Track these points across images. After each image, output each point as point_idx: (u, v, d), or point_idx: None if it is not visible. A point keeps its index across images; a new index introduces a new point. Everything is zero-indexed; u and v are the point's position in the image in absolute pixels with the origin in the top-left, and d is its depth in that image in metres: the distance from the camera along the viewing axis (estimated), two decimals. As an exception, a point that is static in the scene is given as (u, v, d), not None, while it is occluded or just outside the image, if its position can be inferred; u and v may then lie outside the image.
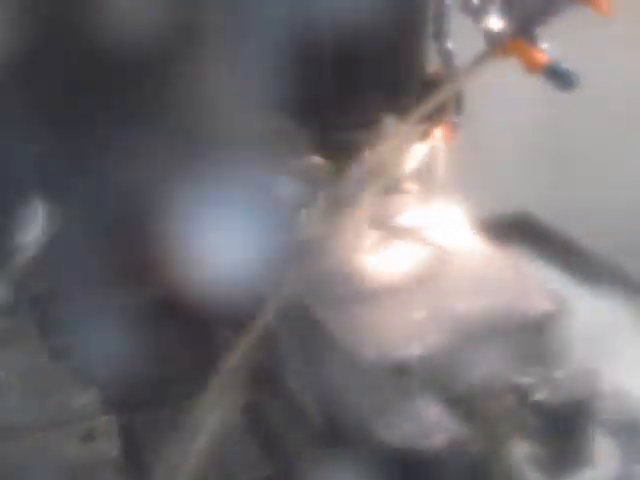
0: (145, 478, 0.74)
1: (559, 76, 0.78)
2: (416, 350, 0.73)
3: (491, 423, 0.75)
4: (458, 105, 0.85)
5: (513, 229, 1.19)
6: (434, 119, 0.83)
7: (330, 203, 0.85)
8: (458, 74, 0.83)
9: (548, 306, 0.78)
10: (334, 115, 0.80)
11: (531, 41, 0.79)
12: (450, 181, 0.89)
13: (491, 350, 0.75)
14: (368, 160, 0.83)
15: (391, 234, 0.86)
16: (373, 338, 0.75)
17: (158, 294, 0.85)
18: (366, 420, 0.72)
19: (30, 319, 0.85)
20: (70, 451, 0.72)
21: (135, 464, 0.75)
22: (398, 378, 0.73)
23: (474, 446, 0.72)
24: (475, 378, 0.75)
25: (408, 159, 0.86)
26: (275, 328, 0.79)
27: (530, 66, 0.78)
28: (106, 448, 0.74)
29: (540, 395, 0.74)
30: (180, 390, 0.75)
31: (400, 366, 0.73)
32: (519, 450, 0.74)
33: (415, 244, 0.85)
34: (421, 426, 0.72)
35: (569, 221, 1.20)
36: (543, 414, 0.74)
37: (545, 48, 0.79)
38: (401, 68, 0.83)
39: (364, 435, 0.73)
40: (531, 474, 0.74)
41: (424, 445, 0.70)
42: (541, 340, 0.78)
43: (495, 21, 0.80)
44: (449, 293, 0.80)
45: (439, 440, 0.70)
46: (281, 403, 0.82)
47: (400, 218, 0.88)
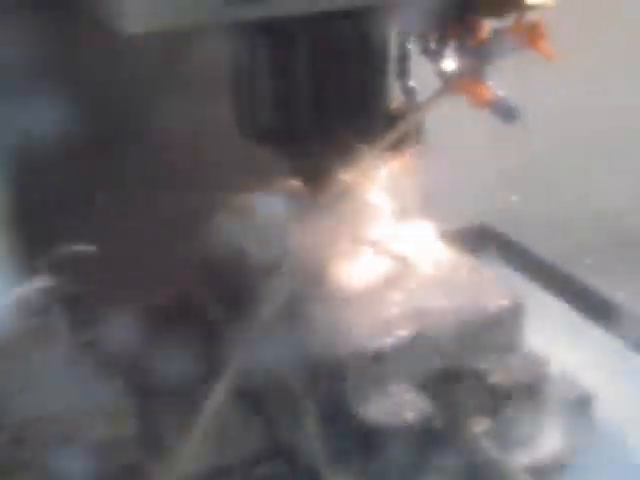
0: (160, 454, 0.83)
1: (503, 111, 0.86)
2: (389, 342, 0.82)
3: (453, 403, 0.84)
4: (418, 135, 0.92)
5: (475, 238, 1.31)
6: (398, 147, 0.90)
7: (311, 219, 0.91)
8: (418, 108, 0.91)
9: (502, 302, 0.88)
10: (311, 145, 0.88)
11: (480, 80, 0.87)
12: (420, 198, 0.97)
13: (453, 341, 0.84)
14: (341, 182, 0.91)
15: (367, 245, 0.94)
16: (353, 332, 0.83)
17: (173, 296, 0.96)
18: (348, 401, 0.81)
19: (62, 317, 0.95)
20: (96, 431, 0.82)
21: (151, 442, 0.85)
22: (374, 366, 0.82)
23: (439, 422, 0.82)
24: (440, 365, 0.84)
25: (376, 181, 0.94)
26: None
27: (477, 102, 0.86)
28: (126, 428, 0.84)
29: (495, 378, 0.84)
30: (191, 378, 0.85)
31: (376, 356, 0.81)
32: (477, 426, 0.83)
33: (388, 253, 0.93)
34: (394, 405, 0.81)
35: (522, 230, 1.32)
36: (498, 395, 0.84)
37: (491, 85, 0.87)
38: (368, 104, 0.91)
39: (347, 413, 0.81)
40: (487, 446, 0.82)
41: (397, 422, 0.80)
42: (496, 331, 0.87)
43: (449, 63, 0.88)
44: (417, 293, 0.88)
45: (409, 417, 0.80)
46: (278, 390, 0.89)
47: (375, 231, 0.96)
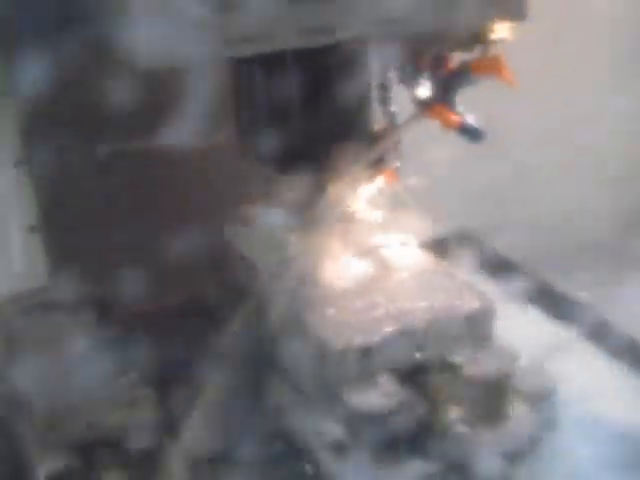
0: (173, 436, 0.92)
1: (469, 133, 0.95)
2: (374, 338, 0.90)
3: (432, 391, 0.91)
4: (397, 153, 1.01)
5: (455, 243, 1.39)
6: (380, 164, 1.00)
7: (308, 227, 1.00)
8: (396, 130, 0.99)
9: (476, 304, 0.95)
10: (305, 164, 0.96)
11: (449, 105, 0.95)
12: (405, 207, 1.06)
13: (431, 337, 0.92)
14: (331, 195, 0.98)
15: (355, 251, 1.02)
16: (343, 329, 0.91)
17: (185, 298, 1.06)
18: (339, 390, 0.88)
19: (90, 315, 1.04)
20: (118, 415, 0.92)
21: (166, 424, 0.95)
22: (362, 359, 0.89)
23: (419, 408, 0.89)
24: (420, 358, 0.91)
25: (361, 194, 1.02)
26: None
27: (446, 125, 0.95)
28: (145, 412, 0.94)
29: (469, 371, 0.91)
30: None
31: (363, 350, 0.89)
32: (453, 412, 0.91)
33: (374, 259, 1.01)
34: (379, 394, 0.88)
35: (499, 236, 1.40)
36: (471, 385, 0.91)
37: (460, 111, 0.96)
38: (354, 127, 1.00)
39: (337, 404, 0.89)
40: (461, 430, 0.89)
41: (382, 408, 0.87)
42: (470, 329, 0.94)
43: (423, 91, 0.96)
44: (400, 295, 0.96)
45: (393, 404, 0.87)
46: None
47: (363, 239, 1.03)
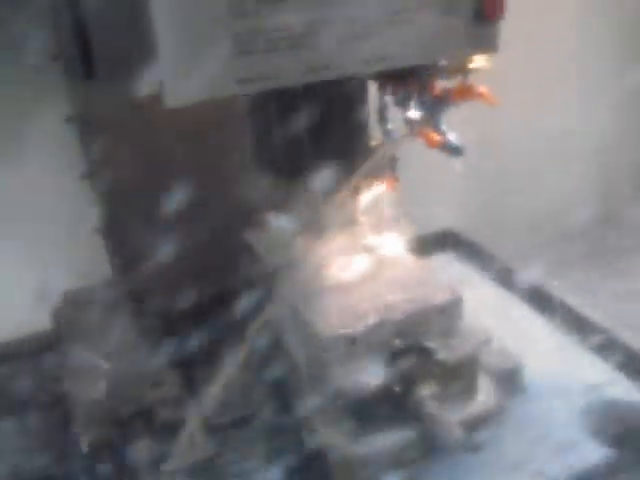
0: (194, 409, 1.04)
1: (450, 150, 1.04)
2: (360, 327, 0.99)
3: (408, 373, 1.00)
4: (392, 166, 1.12)
5: (443, 241, 1.51)
6: (376, 175, 1.10)
7: (311, 232, 1.10)
8: (390, 146, 1.08)
9: (446, 296, 1.04)
10: (311, 176, 1.05)
11: (434, 126, 1.04)
12: (396, 209, 1.14)
13: (408, 326, 1.01)
14: (335, 202, 1.08)
15: (350, 251, 1.11)
16: (334, 319, 1.01)
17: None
18: (330, 372, 0.99)
19: (126, 308, 1.17)
20: (149, 393, 1.05)
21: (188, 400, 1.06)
22: (349, 346, 0.99)
23: (398, 387, 0.99)
24: (398, 344, 1.01)
25: (360, 202, 1.11)
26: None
27: (430, 144, 1.04)
28: (170, 391, 1.07)
29: (441, 355, 1.01)
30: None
31: (350, 338, 0.99)
32: (426, 390, 1.00)
33: (364, 258, 1.11)
34: (364, 375, 0.98)
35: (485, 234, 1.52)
36: (443, 367, 1.01)
37: (444, 129, 1.04)
38: (354, 143, 1.11)
39: (329, 382, 0.99)
40: (433, 405, 0.99)
41: (366, 387, 0.97)
42: (442, 318, 1.03)
43: (413, 113, 1.05)
44: (384, 290, 1.06)
45: (375, 384, 0.97)
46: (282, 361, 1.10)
47: (358, 241, 1.13)
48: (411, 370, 1.01)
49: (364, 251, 1.12)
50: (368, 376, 0.99)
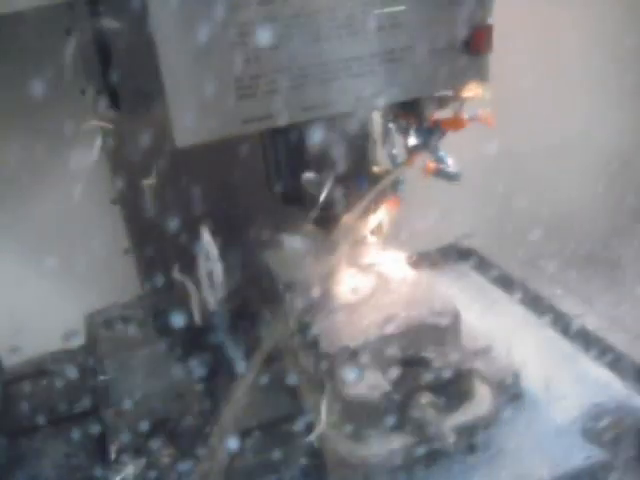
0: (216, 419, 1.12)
1: (446, 177, 1.11)
2: (362, 341, 1.07)
3: (408, 382, 1.06)
4: (395, 189, 1.17)
5: (453, 255, 1.58)
6: (381, 198, 1.15)
7: (322, 250, 1.17)
8: (393, 172, 1.15)
9: (446, 311, 1.11)
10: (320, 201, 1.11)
11: (432, 152, 1.11)
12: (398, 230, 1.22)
13: (409, 339, 1.08)
14: (344, 224, 1.15)
15: (356, 269, 1.19)
16: (338, 333, 1.09)
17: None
18: (337, 382, 1.06)
19: (151, 325, 1.28)
20: (172, 404, 1.14)
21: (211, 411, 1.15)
22: (354, 358, 1.06)
23: (397, 396, 1.06)
24: (398, 357, 1.07)
25: (367, 222, 1.17)
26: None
27: (426, 171, 1.12)
28: (192, 403, 1.15)
29: (438, 365, 1.07)
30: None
31: (354, 351, 1.06)
32: (424, 398, 1.06)
33: (368, 275, 1.18)
34: (367, 385, 1.04)
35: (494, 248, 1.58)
36: (440, 376, 1.07)
37: (441, 155, 1.11)
38: (359, 168, 1.17)
39: (336, 390, 1.06)
40: (430, 412, 1.05)
41: (369, 396, 1.04)
42: (441, 332, 1.10)
43: (412, 139, 1.13)
44: (386, 306, 1.12)
45: (378, 393, 1.04)
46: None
47: (364, 259, 1.20)
48: (410, 379, 1.08)
49: (369, 269, 1.20)
50: (370, 385, 1.06)
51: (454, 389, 1.09)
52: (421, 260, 1.33)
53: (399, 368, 1.08)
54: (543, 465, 1.09)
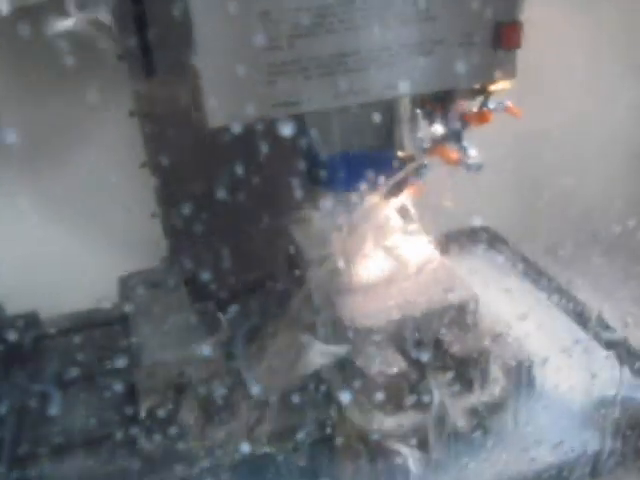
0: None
1: (467, 167, 1.12)
2: (383, 322, 1.11)
3: (424, 363, 1.11)
4: (419, 172, 1.18)
5: (477, 238, 1.60)
6: (406, 182, 1.18)
7: (348, 230, 1.19)
8: (420, 156, 1.17)
9: (464, 295, 1.15)
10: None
11: (457, 141, 1.13)
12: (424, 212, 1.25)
13: (428, 321, 1.12)
14: (369, 205, 1.19)
15: (381, 250, 1.21)
16: (362, 313, 1.12)
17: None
18: (355, 359, 1.10)
19: (183, 291, 1.31)
20: (198, 372, 1.17)
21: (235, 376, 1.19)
22: (374, 336, 1.10)
23: (413, 375, 1.10)
24: (417, 337, 1.12)
25: (390, 205, 1.21)
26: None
27: (448, 162, 1.13)
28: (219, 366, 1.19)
29: (454, 348, 1.11)
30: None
31: (375, 330, 1.10)
32: (439, 379, 1.11)
33: (391, 256, 1.21)
34: (385, 363, 1.08)
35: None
36: (456, 359, 1.11)
37: (465, 145, 1.12)
38: (385, 154, 1.20)
39: (356, 367, 1.10)
40: (443, 393, 1.09)
41: (386, 374, 1.08)
42: (459, 315, 1.13)
43: (438, 127, 1.14)
44: (407, 288, 1.16)
45: (394, 371, 1.08)
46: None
47: (388, 240, 1.22)
48: (427, 361, 1.12)
49: (392, 250, 1.23)
50: (389, 364, 1.10)
51: (468, 372, 1.12)
52: (444, 241, 1.35)
53: (417, 349, 1.13)
54: (549, 450, 1.13)
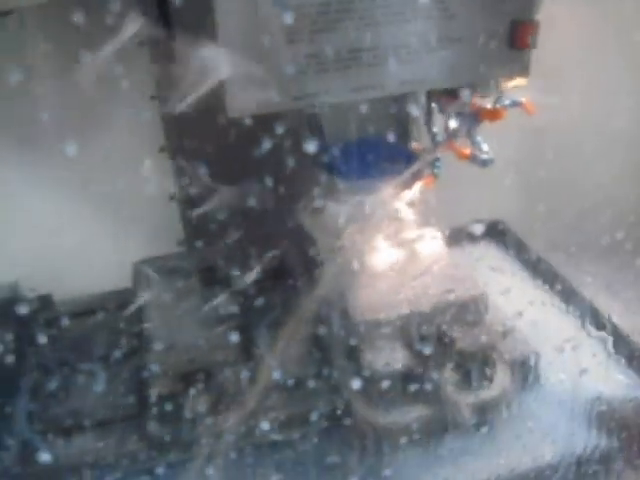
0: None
1: (478, 162, 1.13)
2: (392, 315, 1.12)
3: (430, 358, 1.11)
4: (432, 165, 1.21)
5: (488, 232, 1.61)
6: (419, 175, 1.19)
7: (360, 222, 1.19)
8: (434, 149, 1.18)
9: (473, 291, 1.16)
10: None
11: (469, 137, 1.13)
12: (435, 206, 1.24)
13: (435, 317, 1.13)
14: (380, 198, 1.17)
15: (393, 243, 1.22)
16: (370, 306, 1.14)
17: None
18: (362, 352, 1.12)
19: (197, 278, 1.31)
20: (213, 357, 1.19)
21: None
22: (381, 330, 1.12)
23: (419, 370, 1.11)
24: (424, 333, 1.13)
25: (402, 198, 1.21)
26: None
27: (460, 156, 1.14)
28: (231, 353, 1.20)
29: (461, 344, 1.12)
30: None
31: (382, 323, 1.12)
32: (445, 374, 1.11)
33: (401, 250, 1.21)
34: (391, 356, 1.11)
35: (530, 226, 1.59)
36: (463, 354, 1.12)
37: (477, 141, 1.13)
38: (401, 145, 1.22)
39: (361, 360, 1.12)
40: (449, 388, 1.10)
41: (393, 367, 1.10)
42: (466, 311, 1.14)
43: (452, 122, 1.15)
44: (415, 282, 1.17)
45: (400, 365, 1.10)
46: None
47: (399, 234, 1.23)
48: (433, 355, 1.13)
49: (404, 244, 1.24)
50: (395, 358, 1.12)
51: (475, 367, 1.14)
52: (454, 235, 1.36)
53: (424, 343, 1.13)
54: (551, 447, 1.14)
